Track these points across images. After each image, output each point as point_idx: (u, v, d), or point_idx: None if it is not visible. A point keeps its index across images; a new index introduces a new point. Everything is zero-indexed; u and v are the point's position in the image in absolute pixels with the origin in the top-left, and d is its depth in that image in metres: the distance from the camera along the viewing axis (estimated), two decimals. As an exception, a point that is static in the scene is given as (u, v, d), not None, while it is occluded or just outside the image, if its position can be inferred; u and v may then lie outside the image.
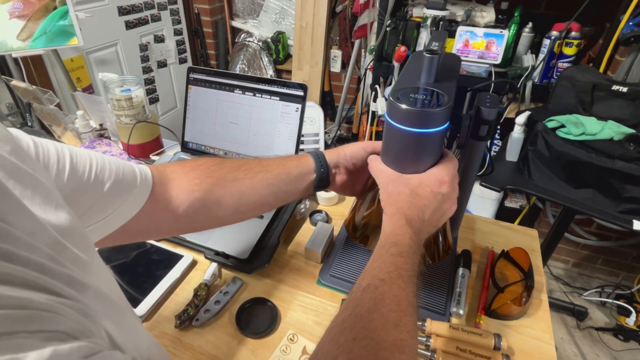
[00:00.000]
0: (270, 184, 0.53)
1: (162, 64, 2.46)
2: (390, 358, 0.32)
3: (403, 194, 0.47)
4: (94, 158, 0.41)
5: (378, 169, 0.51)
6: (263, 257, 0.74)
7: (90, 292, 0.25)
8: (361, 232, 0.58)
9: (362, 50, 2.11)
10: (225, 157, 0.54)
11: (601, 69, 1.38)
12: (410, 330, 0.35)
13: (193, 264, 0.76)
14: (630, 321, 1.64)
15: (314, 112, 2.06)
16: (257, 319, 0.65)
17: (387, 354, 0.32)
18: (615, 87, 1.18)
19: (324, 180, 0.56)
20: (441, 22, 1.54)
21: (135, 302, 0.66)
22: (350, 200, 0.93)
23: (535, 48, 1.57)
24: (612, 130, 1.06)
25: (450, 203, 0.49)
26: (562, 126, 1.13)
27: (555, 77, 1.48)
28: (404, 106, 0.44)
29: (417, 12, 1.62)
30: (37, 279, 0.21)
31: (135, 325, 0.34)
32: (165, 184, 0.49)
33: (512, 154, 1.28)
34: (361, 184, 0.60)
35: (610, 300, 1.78)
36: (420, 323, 0.62)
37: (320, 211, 0.88)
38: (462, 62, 1.51)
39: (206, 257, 0.76)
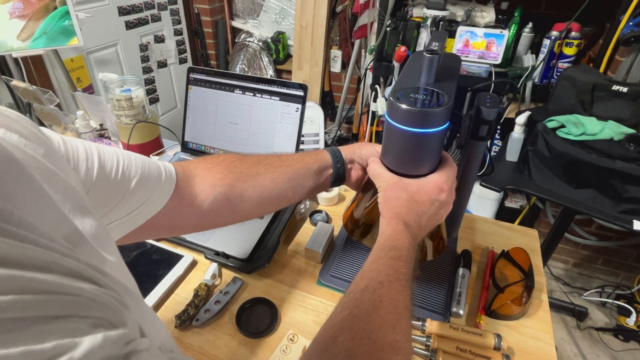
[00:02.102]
0: (290, 179, 0.54)
1: (162, 64, 2.46)
2: (387, 359, 0.33)
3: (401, 199, 0.47)
4: (120, 155, 0.42)
5: (378, 172, 0.51)
6: (263, 257, 0.74)
7: (109, 279, 0.26)
8: (360, 229, 0.59)
9: (362, 50, 2.11)
10: (245, 154, 0.56)
11: (601, 69, 1.38)
12: (406, 332, 0.37)
13: (193, 264, 0.76)
14: (631, 321, 1.64)
15: (314, 112, 2.05)
16: (257, 319, 0.65)
17: (384, 354, 0.33)
18: (615, 87, 1.18)
19: (340, 175, 0.57)
20: (441, 22, 1.54)
21: (135, 302, 0.66)
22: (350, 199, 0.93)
23: (535, 48, 1.57)
24: (612, 130, 1.06)
25: (447, 209, 0.50)
26: (562, 126, 1.13)
27: (555, 77, 1.48)
28: (404, 106, 0.44)
29: (417, 12, 1.62)
30: (81, 269, 0.22)
31: (153, 315, 0.35)
32: (189, 180, 0.50)
33: (512, 154, 1.28)
34: None
35: (611, 301, 1.78)
36: (420, 323, 0.62)
37: (320, 211, 0.88)
38: (462, 62, 1.51)
39: (206, 257, 0.76)
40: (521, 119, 1.23)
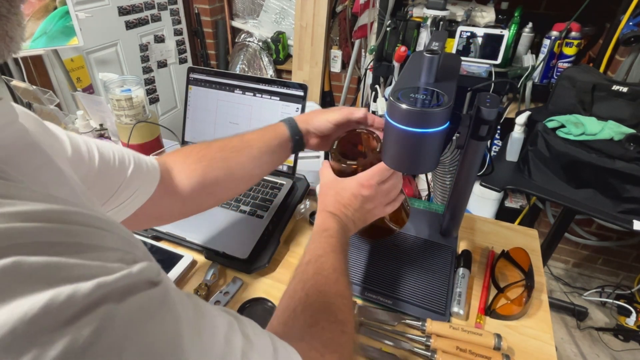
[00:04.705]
0: (254, 158, 0.60)
1: (162, 64, 2.45)
2: (336, 302, 0.43)
3: (329, 195, 0.56)
4: (114, 147, 0.47)
5: (323, 174, 0.59)
6: (263, 257, 0.74)
7: None
8: None
9: (362, 50, 2.11)
10: (210, 141, 0.61)
11: (601, 69, 1.38)
12: (347, 285, 0.46)
13: (193, 264, 0.76)
14: (631, 321, 1.64)
15: (314, 112, 2.05)
16: (257, 319, 0.65)
17: (333, 299, 0.43)
18: (615, 87, 1.18)
19: (299, 144, 0.64)
20: (441, 22, 1.54)
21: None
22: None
23: (535, 48, 1.57)
24: (612, 130, 1.06)
25: (375, 204, 0.56)
26: (562, 126, 1.13)
27: (556, 77, 1.48)
28: (404, 106, 0.44)
29: (417, 12, 1.62)
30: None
31: None
32: (170, 171, 0.56)
33: (512, 154, 1.28)
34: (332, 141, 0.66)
35: (611, 301, 1.78)
36: (420, 323, 0.62)
37: (320, 211, 0.88)
38: (462, 62, 1.51)
39: (206, 257, 0.76)
40: (521, 119, 1.23)
